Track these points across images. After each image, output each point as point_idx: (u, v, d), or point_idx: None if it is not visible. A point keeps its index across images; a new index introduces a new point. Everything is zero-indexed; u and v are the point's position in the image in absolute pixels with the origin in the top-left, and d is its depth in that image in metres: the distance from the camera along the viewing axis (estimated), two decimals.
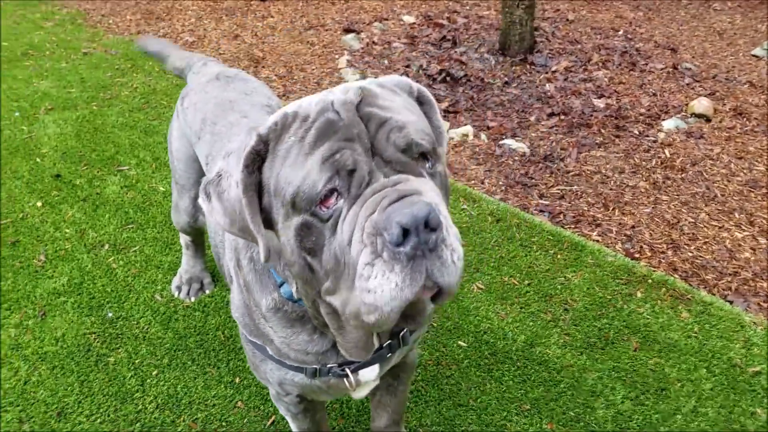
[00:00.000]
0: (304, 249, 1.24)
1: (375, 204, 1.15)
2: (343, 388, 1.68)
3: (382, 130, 1.24)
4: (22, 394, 2.55)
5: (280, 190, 1.25)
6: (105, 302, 3.05)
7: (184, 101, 2.46)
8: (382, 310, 1.14)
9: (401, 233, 1.10)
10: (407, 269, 1.12)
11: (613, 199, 3.97)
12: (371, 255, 1.13)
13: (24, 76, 5.71)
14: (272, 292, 1.55)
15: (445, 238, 1.16)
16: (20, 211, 3.71)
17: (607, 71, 5.65)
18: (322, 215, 1.20)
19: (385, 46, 6.24)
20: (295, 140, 1.25)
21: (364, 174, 1.20)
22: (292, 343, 1.58)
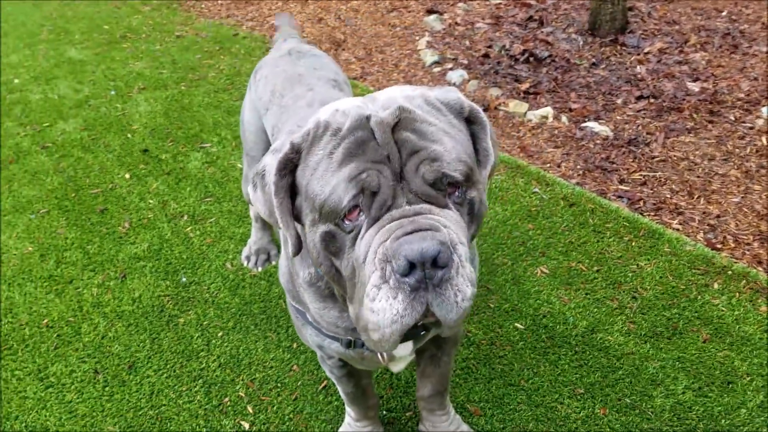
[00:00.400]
0: (330, 252, 1.32)
1: (390, 232, 1.20)
2: (377, 361, 1.73)
3: (413, 159, 1.25)
4: (99, 347, 2.74)
5: (309, 197, 1.31)
6: (180, 268, 3.20)
7: (256, 74, 2.55)
8: (384, 331, 1.22)
9: (407, 266, 1.16)
10: (408, 299, 1.19)
11: (700, 186, 3.76)
12: (380, 279, 1.20)
13: (121, 58, 6.05)
14: (309, 267, 1.61)
15: (451, 278, 1.21)
16: (110, 182, 3.95)
17: (705, 53, 5.33)
18: (345, 227, 1.27)
19: (467, 26, 6.16)
20: (324, 154, 1.29)
21: (387, 198, 1.23)
22: (324, 316, 1.64)
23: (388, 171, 1.23)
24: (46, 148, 4.35)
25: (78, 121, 4.75)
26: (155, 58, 6.02)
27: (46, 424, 2.42)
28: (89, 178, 3.99)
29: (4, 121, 4.76)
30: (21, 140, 4.47)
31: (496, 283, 3.04)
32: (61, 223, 3.54)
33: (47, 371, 2.63)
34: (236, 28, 6.82)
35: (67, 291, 3.05)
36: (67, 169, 4.09)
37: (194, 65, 5.81)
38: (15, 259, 3.26)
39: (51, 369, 2.64)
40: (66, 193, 3.83)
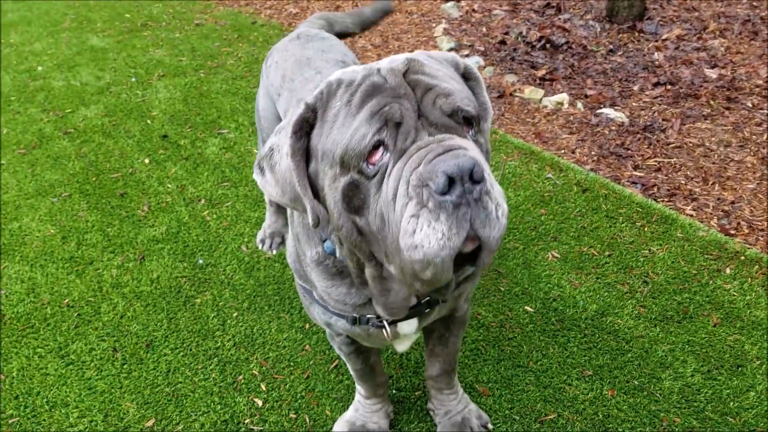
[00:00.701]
0: (352, 210, 1.28)
1: (420, 158, 1.17)
2: (382, 338, 1.73)
3: (429, 95, 1.26)
4: (118, 326, 2.81)
5: (329, 152, 1.28)
6: (197, 250, 3.27)
7: (268, 60, 2.58)
8: (434, 262, 1.15)
9: (447, 182, 1.11)
10: (452, 218, 1.12)
11: (715, 173, 3.75)
12: (416, 206, 1.14)
13: (142, 46, 6.13)
14: (316, 246, 1.61)
15: (489, 191, 1.17)
16: (130, 167, 4.02)
17: (724, 40, 5.28)
18: (369, 172, 1.23)
19: (484, 13, 6.15)
20: (341, 104, 1.28)
21: (411, 128, 1.22)
22: (331, 294, 1.65)
23: (408, 104, 1.24)
24: (68, 134, 4.44)
25: (99, 108, 4.84)
26: (175, 46, 6.10)
27: (66, 399, 2.49)
28: (110, 163, 4.07)
29: (27, 108, 4.86)
30: (44, 126, 4.56)
31: (507, 267, 3.07)
32: (82, 207, 3.62)
33: (68, 349, 2.71)
34: (254, 16, 6.87)
35: (88, 272, 3.13)
36: (88, 154, 4.18)
37: (213, 53, 5.87)
38: (37, 241, 3.35)
39: (71, 347, 2.72)
40: (87, 177, 3.91)
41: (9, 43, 6.36)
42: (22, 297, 2.98)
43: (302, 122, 1.33)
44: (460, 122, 1.28)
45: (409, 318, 1.67)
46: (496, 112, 4.57)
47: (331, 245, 1.55)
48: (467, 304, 2.03)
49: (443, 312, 1.86)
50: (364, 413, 2.29)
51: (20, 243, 3.33)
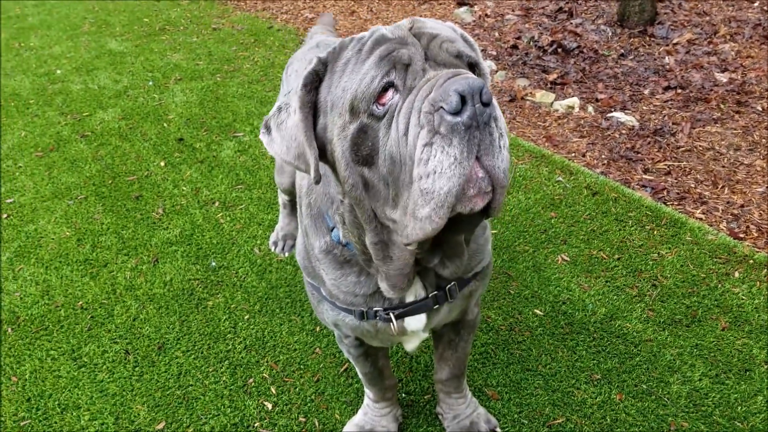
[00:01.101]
0: (360, 159, 1.28)
1: (431, 86, 1.19)
2: (390, 334, 1.74)
3: (434, 41, 1.29)
4: (131, 329, 2.86)
5: (338, 100, 1.30)
6: (210, 253, 3.32)
7: (288, 69, 2.63)
8: (439, 193, 1.15)
9: (459, 100, 1.12)
10: (464, 141, 1.13)
11: (724, 176, 3.75)
12: (429, 134, 1.15)
13: (159, 49, 6.21)
14: (325, 236, 1.64)
15: (497, 117, 1.19)
16: (146, 170, 4.08)
17: (734, 44, 5.27)
18: (378, 112, 1.24)
19: (497, 18, 6.17)
20: (352, 54, 1.31)
21: (419, 69, 1.24)
22: (341, 285, 1.67)
23: (415, 48, 1.27)
24: (85, 137, 4.51)
25: (116, 111, 4.91)
26: (192, 50, 6.17)
27: (78, 402, 2.53)
28: (126, 166, 4.13)
29: (46, 111, 4.94)
30: (62, 129, 4.64)
31: (516, 270, 3.09)
32: (98, 209, 3.68)
33: (80, 351, 2.75)
34: (271, 21, 6.93)
35: (102, 274, 3.18)
36: (105, 156, 4.24)
37: (229, 57, 5.94)
38: (53, 243, 3.41)
39: (84, 349, 2.76)
40: (103, 180, 3.97)
41: (29, 46, 6.47)
42: (37, 299, 3.04)
43: (313, 75, 1.35)
44: (465, 65, 1.31)
45: (418, 313, 1.69)
46: (508, 116, 4.58)
47: (338, 234, 1.57)
48: (477, 308, 2.05)
49: (454, 314, 1.87)
50: (373, 417, 2.31)
51: (36, 245, 3.40)
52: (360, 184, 1.32)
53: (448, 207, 1.16)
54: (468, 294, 1.81)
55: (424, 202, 1.17)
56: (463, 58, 1.30)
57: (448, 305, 1.74)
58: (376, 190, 1.30)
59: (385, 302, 1.67)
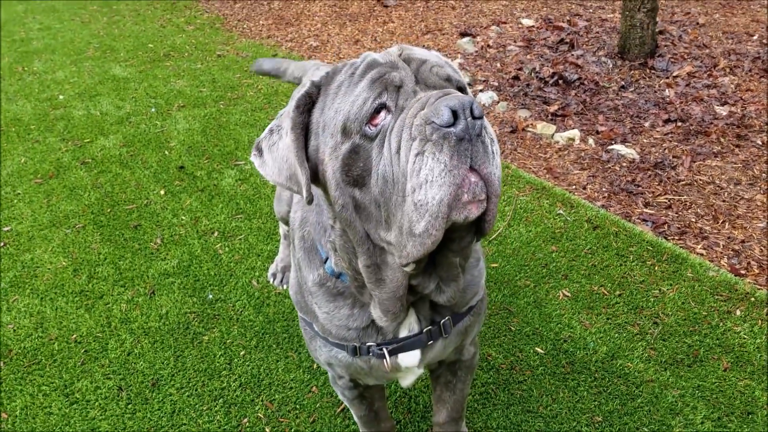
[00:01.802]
0: (351, 181, 1.29)
1: (422, 104, 1.22)
2: (384, 371, 1.71)
3: (424, 65, 1.33)
4: (124, 364, 2.82)
5: (330, 121, 1.32)
6: (207, 285, 3.29)
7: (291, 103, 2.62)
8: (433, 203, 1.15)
9: (451, 115, 1.15)
10: (455, 150, 1.15)
11: (725, 211, 3.73)
12: (420, 143, 1.16)
13: (163, 76, 6.23)
14: (318, 268, 1.63)
15: (486, 127, 1.21)
16: (145, 198, 4.07)
17: (734, 77, 5.29)
18: (371, 133, 1.26)
19: (499, 49, 6.20)
20: (345, 77, 1.35)
21: (410, 90, 1.27)
22: (334, 318, 1.65)
23: (406, 72, 1.30)
24: (85, 164, 4.51)
25: (118, 138, 4.91)
26: (196, 77, 6.19)
27: None
28: (125, 194, 4.12)
29: (47, 137, 4.95)
30: (62, 155, 4.64)
31: (517, 306, 3.06)
32: (96, 238, 3.66)
33: (73, 387, 2.71)
34: (276, 49, 6.97)
35: (97, 306, 3.15)
36: (104, 184, 4.23)
37: (233, 84, 5.96)
38: (49, 273, 3.38)
39: (77, 385, 2.72)
40: (102, 208, 3.96)
41: (32, 71, 6.50)
42: (30, 332, 3.00)
43: (306, 97, 1.38)
44: (454, 88, 1.34)
45: (412, 349, 1.66)
46: (509, 146, 4.58)
47: (332, 266, 1.56)
48: (474, 348, 2.02)
49: (449, 350, 1.84)
50: None
51: (31, 275, 3.37)
52: (351, 205, 1.32)
53: (443, 218, 1.16)
54: (463, 330, 1.79)
55: (419, 216, 1.17)
56: (452, 81, 1.35)
57: (443, 341, 1.72)
58: (367, 212, 1.31)
59: (378, 337, 1.65)
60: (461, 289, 1.57)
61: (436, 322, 1.63)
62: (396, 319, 1.54)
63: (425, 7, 7.94)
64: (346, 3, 8.38)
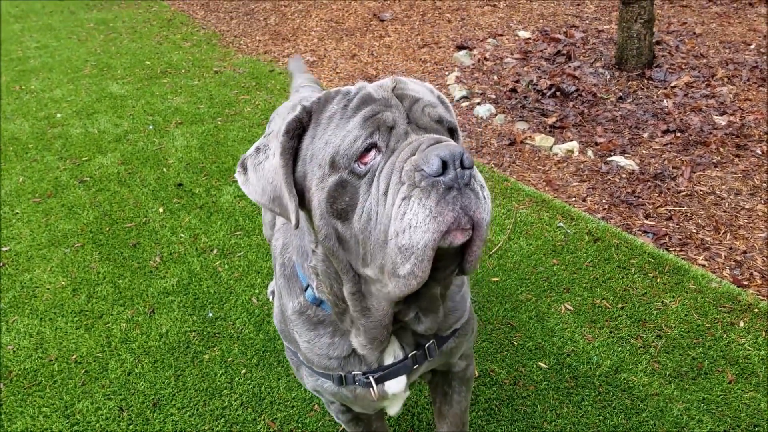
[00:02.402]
0: (335, 213, 1.29)
1: (413, 149, 1.22)
2: (370, 399, 1.69)
3: (417, 105, 1.34)
4: (125, 384, 2.79)
5: (319, 152, 1.32)
6: (207, 303, 3.27)
7: (270, 125, 2.63)
8: (417, 247, 1.16)
9: (441, 165, 1.15)
10: (442, 198, 1.15)
11: (726, 221, 3.72)
12: (408, 188, 1.18)
13: (161, 93, 6.24)
14: (298, 296, 1.62)
15: (475, 176, 1.21)
16: (144, 216, 4.06)
17: (732, 87, 5.30)
18: (360, 171, 1.26)
19: (496, 61, 6.22)
20: (337, 108, 1.34)
21: (402, 132, 1.28)
22: (314, 347, 1.63)
23: (398, 112, 1.30)
24: (83, 182, 4.50)
25: (116, 156, 4.90)
26: (193, 93, 6.20)
27: None
28: (124, 212, 4.10)
29: (45, 156, 4.94)
30: (60, 174, 4.63)
31: (519, 320, 3.04)
32: (95, 257, 3.64)
33: (74, 408, 2.69)
34: (272, 64, 6.98)
35: (97, 326, 3.13)
36: (103, 203, 4.22)
37: (231, 100, 5.96)
38: (48, 293, 3.36)
39: (77, 406, 2.69)
40: (101, 227, 3.95)
41: (30, 89, 6.50)
42: (30, 352, 2.98)
43: (297, 123, 1.36)
44: (445, 130, 1.36)
45: (397, 375, 1.64)
46: (507, 159, 4.58)
47: (312, 293, 1.54)
48: (465, 360, 1.99)
49: (431, 368, 1.83)
50: None
51: (30, 296, 3.35)
52: (333, 236, 1.33)
53: (428, 260, 1.17)
54: (448, 351, 1.77)
55: (404, 258, 1.18)
56: (444, 123, 1.36)
57: (427, 363, 1.70)
58: (348, 244, 1.31)
59: (362, 365, 1.63)
60: (442, 317, 1.56)
61: (420, 345, 1.62)
62: (380, 348, 1.53)
63: (421, 21, 7.97)
64: (343, 18, 8.41)
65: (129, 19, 9.19)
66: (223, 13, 9.31)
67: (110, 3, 10.21)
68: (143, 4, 10.11)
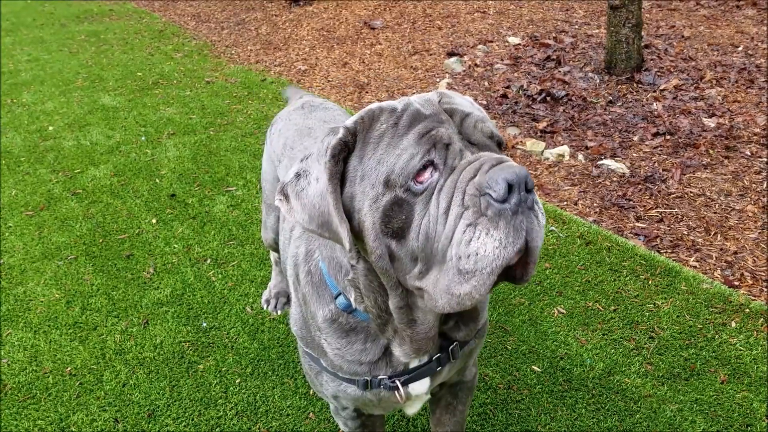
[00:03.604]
0: (390, 232, 1.27)
1: (475, 169, 1.21)
2: (394, 401, 1.70)
3: (468, 120, 1.32)
4: (120, 395, 2.79)
5: (371, 172, 1.29)
6: (201, 313, 3.27)
7: (272, 128, 2.64)
8: (482, 273, 1.16)
9: (507, 189, 1.15)
10: (510, 226, 1.15)
11: (716, 223, 3.75)
12: (474, 215, 1.17)
13: (152, 104, 6.24)
14: (329, 304, 1.60)
15: (537, 200, 1.22)
16: (137, 227, 4.06)
17: (721, 89, 5.34)
18: (416, 189, 1.24)
19: (486, 68, 6.25)
20: (387, 127, 1.31)
21: (457, 149, 1.26)
22: (345, 354, 1.62)
23: (451, 128, 1.29)
24: (76, 195, 4.50)
25: (108, 167, 4.91)
26: (185, 104, 6.21)
27: None
28: (117, 224, 4.11)
29: (37, 168, 4.94)
30: (53, 187, 4.63)
31: (513, 324, 3.05)
32: (88, 269, 3.64)
33: (68, 420, 2.67)
34: (264, 74, 7.00)
35: (91, 338, 3.12)
36: (96, 215, 4.22)
37: (223, 110, 5.98)
38: (42, 306, 3.36)
39: (72, 418, 2.68)
40: (94, 239, 3.95)
41: (21, 102, 6.49)
42: (24, 365, 2.97)
43: (342, 146, 1.32)
44: (495, 145, 1.34)
45: (422, 377, 1.65)
46: None
47: (345, 300, 1.53)
48: (476, 367, 2.02)
49: (453, 371, 1.83)
50: None
51: (24, 308, 3.34)
52: (386, 255, 1.31)
53: (490, 284, 1.18)
54: (468, 352, 1.78)
55: (462, 280, 1.18)
56: (494, 138, 1.34)
57: (450, 365, 1.71)
58: (401, 262, 1.30)
59: (388, 369, 1.63)
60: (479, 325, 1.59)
61: (443, 348, 1.62)
62: (425, 356, 1.55)
63: (412, 29, 8.01)
64: (334, 26, 8.45)
65: (120, 31, 9.20)
66: (215, 23, 9.33)
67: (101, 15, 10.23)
68: (134, 15, 10.13)
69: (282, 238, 2.15)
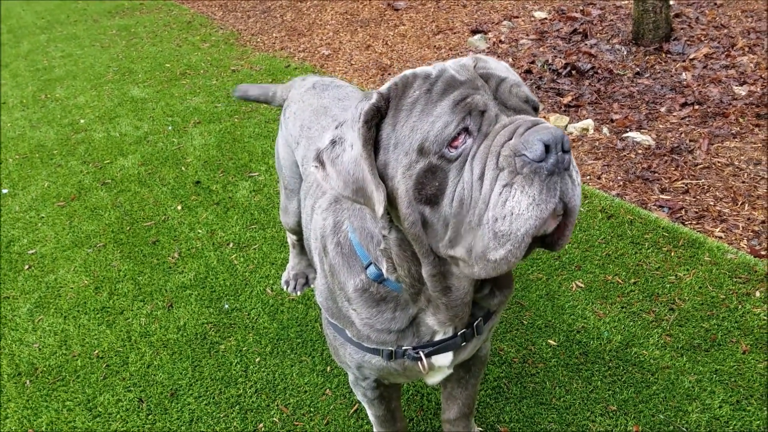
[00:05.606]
0: (424, 199, 1.27)
1: (510, 132, 1.19)
2: (417, 371, 1.71)
3: (503, 85, 1.30)
4: (144, 376, 2.88)
5: (405, 139, 1.29)
6: (223, 295, 3.34)
7: (286, 112, 2.65)
8: (516, 235, 1.15)
9: (544, 149, 1.14)
10: (545, 184, 1.14)
11: (744, 192, 3.65)
12: (509, 175, 1.16)
13: (180, 94, 6.34)
14: (359, 274, 1.60)
15: (572, 159, 1.21)
16: (163, 214, 4.15)
17: (753, 56, 5.17)
18: (450, 156, 1.23)
19: (511, 44, 6.17)
20: (420, 93, 1.30)
21: (493, 115, 1.24)
22: (375, 323, 1.63)
23: (486, 94, 1.27)
24: (105, 184, 4.61)
25: (136, 157, 5.01)
26: (211, 93, 6.29)
27: None
28: (144, 212, 4.20)
29: (69, 161, 5.07)
30: (83, 178, 4.75)
31: (529, 299, 3.04)
32: (116, 256, 3.74)
33: (95, 401, 2.77)
34: (288, 60, 7.04)
35: (118, 322, 3.22)
36: (124, 203, 4.33)
37: None
38: (72, 292, 3.47)
39: (99, 399, 2.78)
40: (122, 226, 4.05)
41: (55, 97, 6.67)
42: (55, 349, 3.08)
43: (374, 111, 1.31)
44: (531, 109, 1.32)
45: (445, 351, 1.66)
46: None
47: (375, 270, 1.53)
48: (489, 342, 2.02)
49: (477, 347, 1.84)
50: None
51: (55, 295, 3.46)
52: (419, 221, 1.31)
53: (525, 246, 1.16)
54: (488, 328, 1.78)
55: (497, 244, 1.17)
56: (530, 102, 1.32)
57: (475, 340, 1.71)
58: (433, 229, 1.30)
59: (414, 340, 1.64)
60: (513, 290, 1.57)
61: (469, 324, 1.63)
62: (460, 324, 1.55)
63: (436, 8, 7.94)
64: (357, 9, 8.43)
65: (150, 24, 9.34)
66: (241, 12, 9.40)
67: (132, 9, 10.39)
68: (163, 8, 10.26)
69: (304, 215, 2.17)
